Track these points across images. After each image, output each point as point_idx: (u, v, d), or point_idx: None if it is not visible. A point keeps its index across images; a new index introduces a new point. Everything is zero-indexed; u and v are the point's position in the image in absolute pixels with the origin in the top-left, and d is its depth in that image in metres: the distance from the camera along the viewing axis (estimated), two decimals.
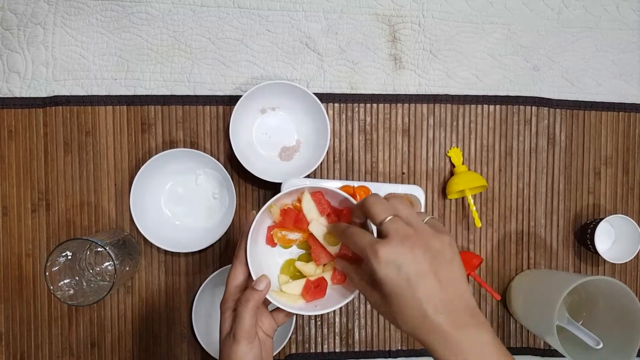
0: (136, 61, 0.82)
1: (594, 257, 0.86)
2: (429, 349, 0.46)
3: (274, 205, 0.57)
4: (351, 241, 0.49)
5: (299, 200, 0.59)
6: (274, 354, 0.76)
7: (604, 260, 0.82)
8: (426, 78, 0.86)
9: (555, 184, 0.87)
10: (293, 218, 0.58)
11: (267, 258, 0.59)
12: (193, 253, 0.81)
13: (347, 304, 0.83)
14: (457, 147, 0.85)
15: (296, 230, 0.59)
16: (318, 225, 0.58)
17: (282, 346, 0.76)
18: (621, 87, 0.89)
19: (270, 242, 0.59)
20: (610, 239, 0.86)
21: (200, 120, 0.82)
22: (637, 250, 0.81)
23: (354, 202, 0.54)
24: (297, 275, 0.59)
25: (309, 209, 0.58)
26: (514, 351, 0.85)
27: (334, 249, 0.57)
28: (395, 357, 0.84)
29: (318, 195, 0.58)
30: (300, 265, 0.59)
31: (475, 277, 0.82)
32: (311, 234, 0.58)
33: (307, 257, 0.60)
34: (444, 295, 0.45)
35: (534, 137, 0.86)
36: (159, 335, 0.81)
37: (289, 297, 0.56)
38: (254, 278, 0.54)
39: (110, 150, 0.81)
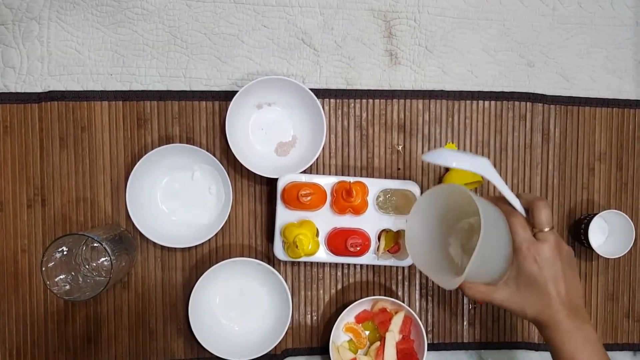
0: (132, 56, 0.82)
1: (587, 252, 0.87)
2: (544, 330, 0.61)
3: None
4: (512, 227, 0.60)
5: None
6: (270, 348, 0.76)
7: (598, 255, 0.83)
8: (422, 74, 0.86)
9: (550, 179, 0.87)
10: (382, 319, 0.80)
11: None
12: (189, 248, 0.82)
13: (343, 301, 0.84)
14: (453, 143, 0.86)
15: (374, 331, 0.81)
16: (392, 337, 0.78)
17: (279, 341, 0.76)
18: (615, 83, 0.89)
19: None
20: (604, 234, 0.87)
21: (197, 115, 0.82)
22: (631, 245, 0.82)
23: (518, 205, 0.62)
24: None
25: (396, 322, 0.79)
26: (509, 345, 0.86)
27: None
28: None
29: (407, 320, 0.79)
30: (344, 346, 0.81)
31: None
32: (383, 339, 0.78)
33: (353, 346, 0.81)
34: (565, 293, 0.59)
35: (529, 133, 0.87)
36: (155, 331, 0.81)
37: None
38: None
39: (106, 146, 0.81)
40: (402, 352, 0.79)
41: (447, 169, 0.85)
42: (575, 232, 0.86)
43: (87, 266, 0.76)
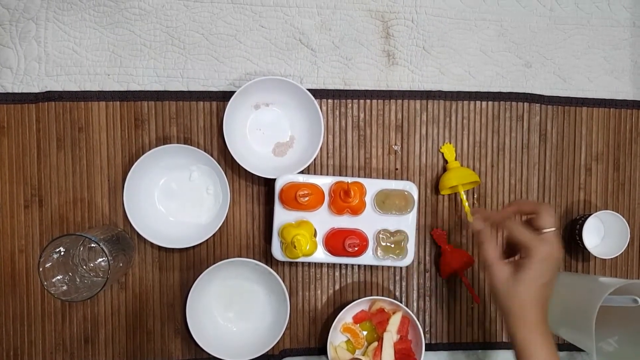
0: (129, 56, 0.82)
1: (584, 252, 0.87)
2: (509, 317, 0.63)
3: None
4: (515, 231, 0.64)
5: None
6: (268, 349, 0.76)
7: (594, 256, 0.83)
8: (419, 74, 0.86)
9: (547, 180, 0.87)
10: (380, 319, 0.80)
11: None
12: (187, 249, 0.82)
13: (341, 302, 0.84)
14: (450, 143, 0.86)
15: (372, 331, 0.81)
16: (390, 337, 0.79)
17: (276, 341, 0.76)
18: (612, 84, 0.89)
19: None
20: (600, 234, 0.87)
21: (194, 116, 0.82)
22: (626, 246, 0.82)
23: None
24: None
25: (394, 323, 0.79)
26: (507, 346, 0.86)
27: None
28: None
29: (405, 320, 0.79)
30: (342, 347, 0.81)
31: (464, 278, 0.82)
32: (381, 339, 0.78)
33: (351, 346, 0.80)
34: (548, 295, 0.64)
35: (526, 133, 0.87)
36: (152, 331, 0.81)
37: None
38: None
39: (104, 146, 0.81)
40: (400, 352, 0.79)
41: (444, 169, 0.85)
42: (571, 233, 0.86)
43: (84, 267, 0.76)
